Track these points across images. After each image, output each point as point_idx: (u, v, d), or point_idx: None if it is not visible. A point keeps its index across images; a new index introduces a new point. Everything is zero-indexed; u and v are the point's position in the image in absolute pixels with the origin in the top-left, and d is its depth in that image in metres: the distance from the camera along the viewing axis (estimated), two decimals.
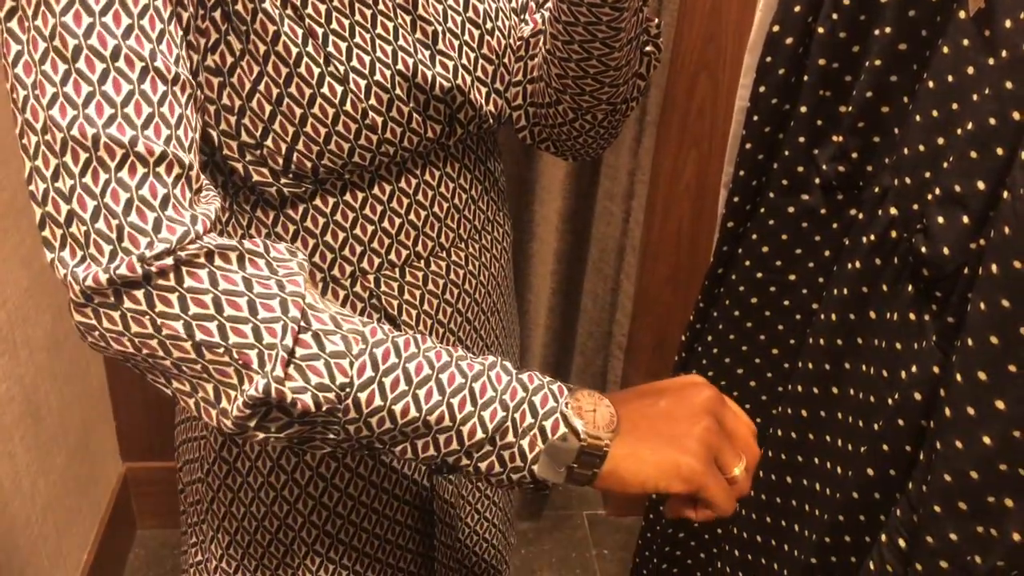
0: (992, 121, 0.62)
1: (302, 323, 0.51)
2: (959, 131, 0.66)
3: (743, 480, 0.54)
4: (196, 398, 0.53)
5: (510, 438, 0.52)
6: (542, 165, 1.57)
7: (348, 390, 0.50)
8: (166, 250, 0.49)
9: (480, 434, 0.52)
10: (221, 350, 0.50)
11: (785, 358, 0.91)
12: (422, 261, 0.69)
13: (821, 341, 0.82)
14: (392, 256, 0.68)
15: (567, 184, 1.56)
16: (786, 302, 0.90)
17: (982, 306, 0.62)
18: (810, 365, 0.83)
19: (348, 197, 0.65)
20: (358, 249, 0.67)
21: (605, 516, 1.89)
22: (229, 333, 0.50)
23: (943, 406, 0.66)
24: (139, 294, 0.49)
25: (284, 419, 0.51)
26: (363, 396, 0.51)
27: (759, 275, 0.90)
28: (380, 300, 0.69)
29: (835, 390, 0.82)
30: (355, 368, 0.51)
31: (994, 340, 0.61)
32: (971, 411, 0.63)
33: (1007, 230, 0.59)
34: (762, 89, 0.82)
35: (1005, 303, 0.60)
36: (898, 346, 0.74)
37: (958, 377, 0.64)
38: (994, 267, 0.61)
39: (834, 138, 0.81)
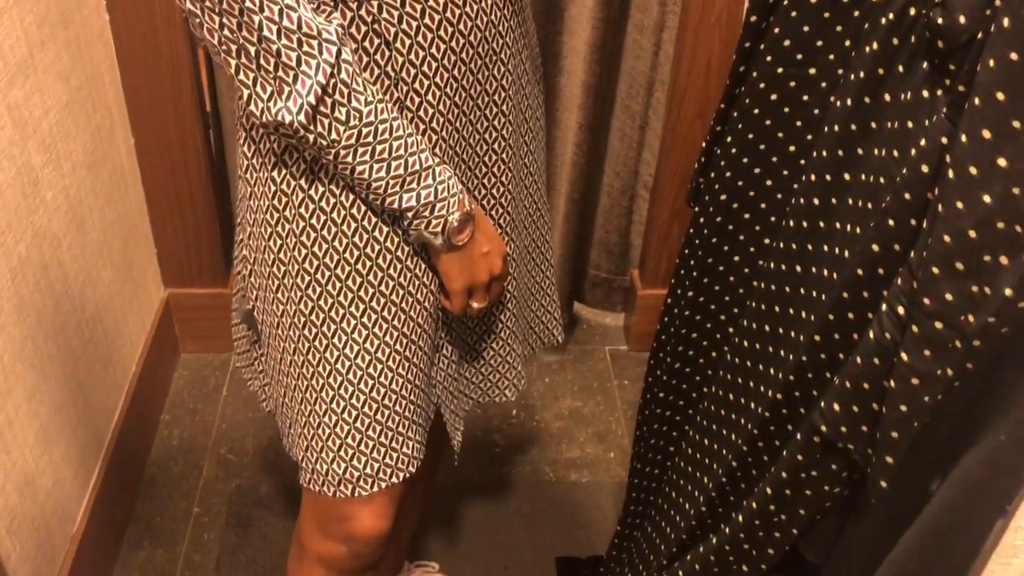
0: None
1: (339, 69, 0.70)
2: None
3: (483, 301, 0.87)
4: (252, 90, 0.70)
5: (423, 215, 0.78)
6: None
7: (352, 141, 0.73)
8: None
9: (412, 203, 0.78)
10: (274, 48, 0.68)
11: (801, 154, 0.93)
12: None
13: (836, 128, 0.83)
14: None
15: (597, 13, 1.55)
16: (805, 97, 0.91)
17: (991, 63, 0.63)
18: (824, 152, 0.85)
19: None
20: None
21: (627, 351, 1.95)
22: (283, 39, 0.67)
23: (947, 170, 0.67)
24: None
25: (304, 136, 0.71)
26: (361, 151, 0.73)
27: (779, 70, 0.91)
28: (380, 25, 0.74)
29: (847, 176, 0.84)
30: (366, 126, 0.72)
31: (1000, 96, 0.63)
32: (973, 170, 0.65)
33: None
34: None
35: (1013, 56, 0.61)
36: (909, 125, 0.76)
37: (963, 138, 0.65)
38: (1006, 21, 0.62)
39: None
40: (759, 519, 0.93)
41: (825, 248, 0.87)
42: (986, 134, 0.64)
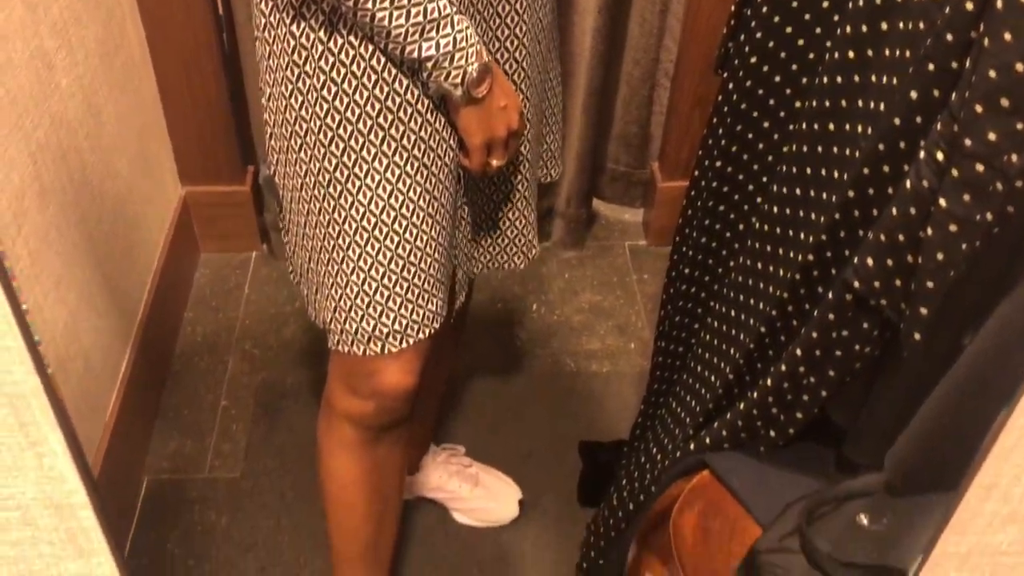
0: None
1: None
2: None
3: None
4: None
5: (443, 65, 0.77)
6: None
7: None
8: None
9: (431, 52, 0.76)
10: None
11: (834, 8, 0.90)
12: None
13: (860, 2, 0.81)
14: None
15: None
16: None
17: None
18: (860, 3, 0.82)
19: None
20: None
21: (646, 246, 1.95)
22: None
23: (995, 1, 0.65)
24: None
25: None
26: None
27: None
28: None
29: (884, 26, 0.81)
30: None
31: None
32: None
33: None
34: None
35: None
36: None
37: None
38: None
39: None
40: (788, 381, 0.93)
41: (859, 103, 0.85)
42: None
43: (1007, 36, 0.65)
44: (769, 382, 0.96)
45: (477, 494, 1.41)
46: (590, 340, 1.75)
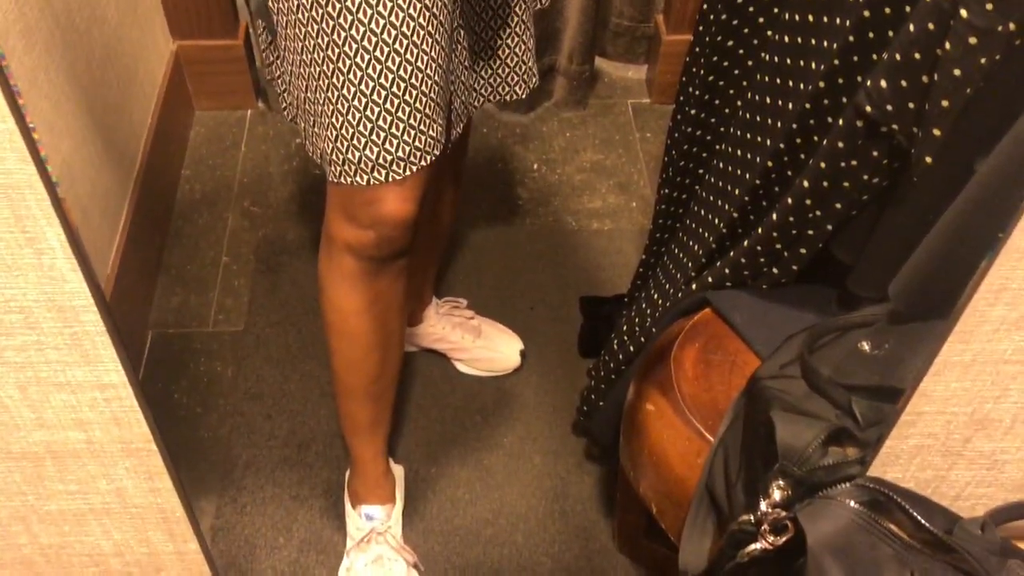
0: None
1: None
2: None
3: None
4: None
5: None
6: None
7: None
8: None
9: None
10: None
11: None
12: None
13: None
14: None
15: None
16: None
17: None
18: None
19: None
20: None
21: (650, 104, 1.91)
22: None
23: None
24: None
25: None
26: None
27: None
28: None
29: None
30: None
31: None
32: None
33: None
34: None
35: None
36: None
37: None
38: None
39: None
40: (794, 215, 0.92)
41: None
42: None
43: None
44: (774, 216, 0.95)
45: (479, 344, 1.42)
46: (592, 198, 1.73)
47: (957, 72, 0.73)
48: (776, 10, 1.00)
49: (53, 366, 0.60)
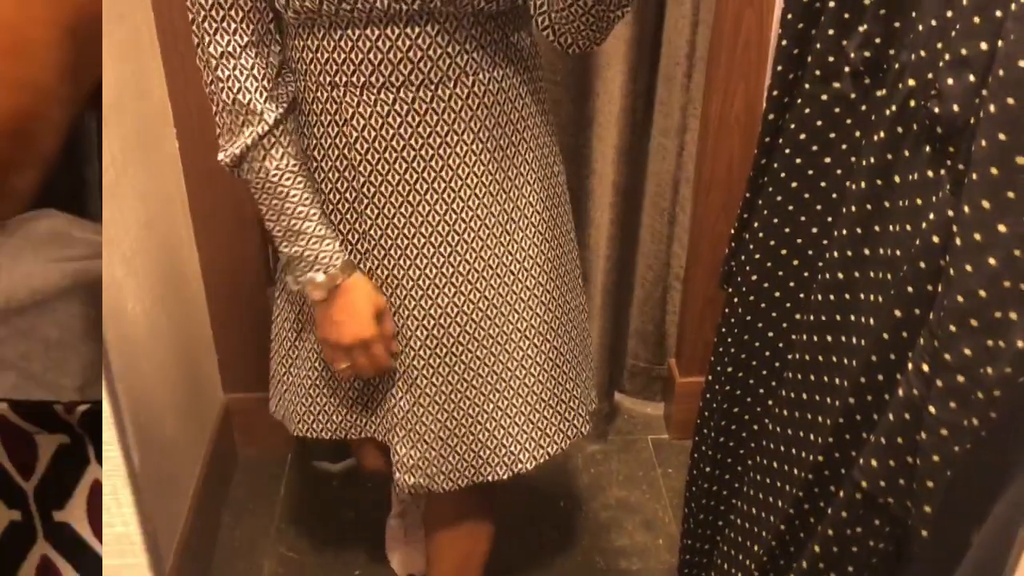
0: None
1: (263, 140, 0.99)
2: (964, 1, 0.76)
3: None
4: (219, 131, 1.01)
5: (297, 265, 1.06)
6: (599, 103, 1.69)
7: (258, 189, 1.03)
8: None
9: (288, 252, 1.06)
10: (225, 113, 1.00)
11: (823, 234, 1.02)
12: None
13: (853, 208, 0.92)
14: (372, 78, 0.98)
15: (623, 119, 1.67)
16: (823, 183, 1.00)
17: (983, 143, 0.72)
18: (844, 231, 0.94)
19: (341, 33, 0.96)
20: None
21: (669, 440, 2.00)
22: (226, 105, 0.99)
23: (954, 238, 0.76)
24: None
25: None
26: (263, 198, 1.03)
27: (798, 160, 1.00)
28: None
29: (867, 251, 0.92)
30: (268, 183, 1.01)
31: (994, 171, 0.71)
32: (977, 237, 0.73)
33: (1001, 72, 0.69)
34: None
35: (1002, 136, 0.70)
36: (919, 201, 0.84)
37: (965, 208, 0.74)
38: (992, 107, 0.71)
39: (860, 28, 0.91)
40: None
41: (852, 318, 0.95)
42: (985, 204, 0.73)
43: (968, 268, 0.75)
44: None
45: None
46: (619, 536, 1.77)
47: (936, 458, 0.82)
48: (777, 364, 1.12)
49: None
